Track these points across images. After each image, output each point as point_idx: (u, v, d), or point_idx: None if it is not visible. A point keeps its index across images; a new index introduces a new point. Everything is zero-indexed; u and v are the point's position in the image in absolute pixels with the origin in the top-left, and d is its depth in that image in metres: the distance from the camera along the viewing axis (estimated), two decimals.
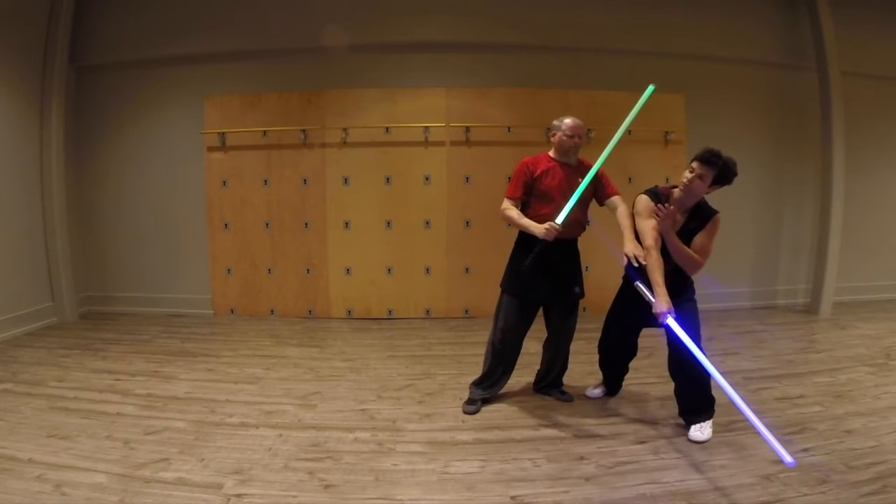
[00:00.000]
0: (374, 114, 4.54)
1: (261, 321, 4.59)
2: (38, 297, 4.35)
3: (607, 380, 2.91)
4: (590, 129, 3.73)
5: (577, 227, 2.67)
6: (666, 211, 2.29)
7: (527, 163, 2.66)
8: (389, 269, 4.67)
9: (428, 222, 4.63)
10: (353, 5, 4.43)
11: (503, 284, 2.75)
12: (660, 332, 2.38)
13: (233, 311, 4.76)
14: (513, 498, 1.96)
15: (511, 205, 2.66)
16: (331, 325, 4.48)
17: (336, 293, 4.69)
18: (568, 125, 2.59)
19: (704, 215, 2.38)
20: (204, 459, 2.22)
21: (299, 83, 4.57)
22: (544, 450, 2.32)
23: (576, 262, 2.73)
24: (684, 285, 2.44)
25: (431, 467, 2.18)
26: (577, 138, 2.60)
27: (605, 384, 2.92)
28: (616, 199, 2.64)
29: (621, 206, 2.60)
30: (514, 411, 2.73)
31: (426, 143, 4.55)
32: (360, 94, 4.55)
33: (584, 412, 2.71)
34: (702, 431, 2.38)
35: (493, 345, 2.74)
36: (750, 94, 4.89)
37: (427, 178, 4.59)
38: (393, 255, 4.65)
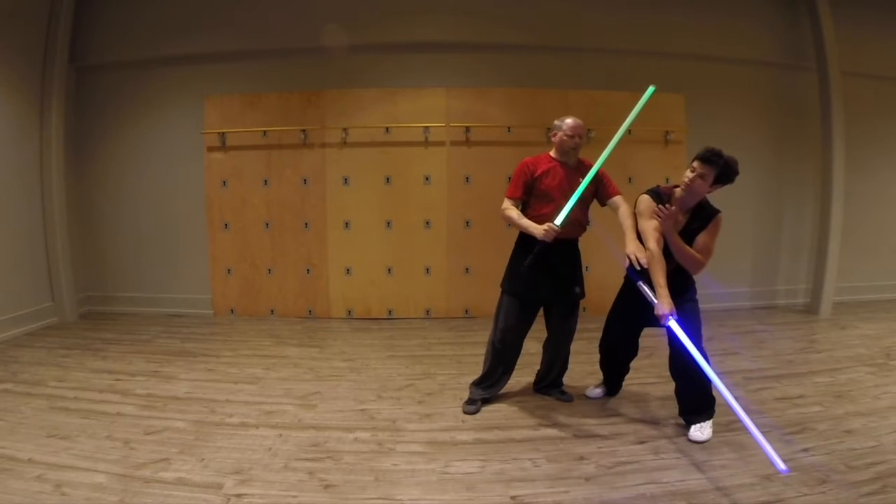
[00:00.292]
0: (374, 114, 4.54)
1: (261, 321, 4.59)
2: (38, 297, 4.35)
3: (607, 380, 2.91)
4: (590, 129, 3.73)
5: (578, 228, 2.67)
6: (667, 211, 2.28)
7: (527, 163, 2.66)
8: (389, 269, 4.67)
9: (428, 222, 4.63)
10: (353, 5, 4.43)
11: (503, 284, 2.75)
12: (660, 331, 2.38)
13: (233, 311, 4.76)
14: (513, 498, 1.96)
15: (511, 205, 2.66)
16: (331, 325, 4.48)
17: (336, 293, 4.69)
18: (569, 125, 2.59)
19: (706, 215, 2.38)
20: (204, 459, 2.22)
21: (299, 83, 4.58)
22: (544, 450, 2.32)
23: (576, 262, 2.73)
24: (686, 285, 2.44)
25: (431, 467, 2.18)
26: (578, 138, 2.60)
27: (605, 384, 2.92)
28: (618, 200, 2.64)
29: (623, 207, 2.60)
30: (514, 411, 2.73)
31: (426, 143, 4.55)
32: (360, 94, 4.55)
33: (584, 412, 2.71)
34: (702, 431, 2.38)
35: (493, 345, 2.75)
36: (750, 94, 4.89)
37: (427, 178, 4.59)
38: (393, 255, 4.65)
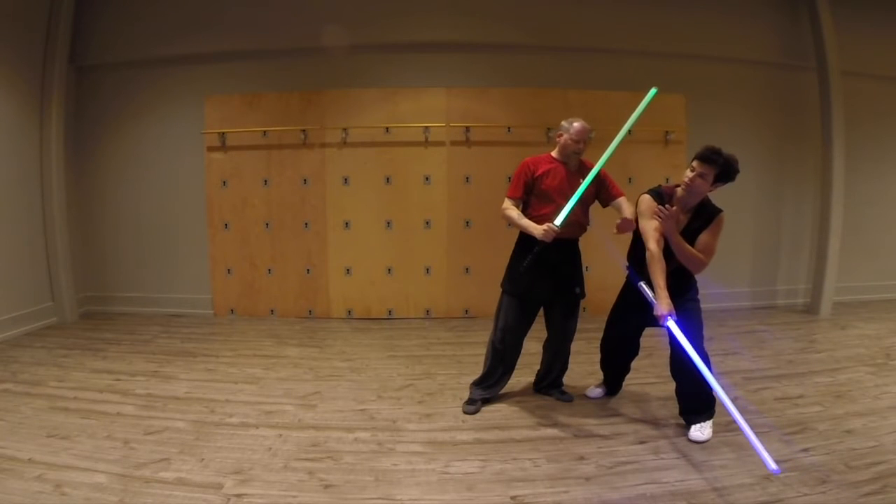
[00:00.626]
0: (374, 114, 4.54)
1: (261, 321, 4.59)
2: (38, 297, 4.35)
3: (608, 379, 2.91)
4: (590, 130, 3.72)
5: (578, 228, 2.67)
6: (668, 212, 2.28)
7: (528, 163, 2.66)
8: (389, 269, 4.66)
9: (428, 222, 4.62)
10: (353, 5, 4.43)
11: (503, 284, 2.75)
12: (661, 331, 2.38)
13: (233, 311, 4.76)
14: (513, 498, 1.96)
15: (511, 204, 2.66)
16: (331, 325, 4.48)
17: (336, 293, 4.69)
18: (576, 129, 2.58)
19: (708, 214, 2.38)
20: (204, 459, 2.22)
21: (299, 83, 4.57)
22: (544, 450, 2.32)
23: (576, 262, 2.73)
24: (687, 285, 2.44)
25: (431, 467, 2.18)
26: (583, 144, 2.60)
27: (605, 384, 2.92)
28: (621, 201, 2.64)
29: (626, 207, 2.60)
30: (514, 411, 2.73)
31: (426, 143, 4.55)
32: (360, 94, 4.55)
33: (584, 412, 2.71)
34: (702, 431, 2.39)
35: (494, 345, 2.75)
36: (750, 94, 4.89)
37: (427, 178, 4.59)
38: (393, 255, 4.65)
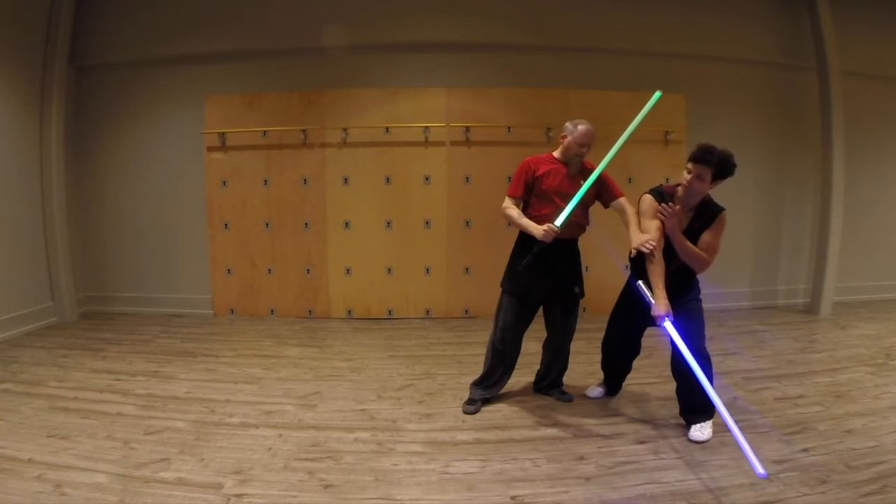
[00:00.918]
0: (374, 114, 4.53)
1: (261, 321, 4.59)
2: (38, 297, 4.35)
3: (608, 379, 2.91)
4: (595, 134, 3.73)
5: (577, 229, 2.68)
6: (671, 210, 2.28)
7: (529, 162, 2.66)
8: (389, 269, 4.66)
9: (428, 222, 4.62)
10: (352, 5, 4.43)
11: (503, 284, 2.75)
12: (662, 332, 2.38)
13: (233, 311, 4.76)
14: (513, 498, 1.96)
15: (512, 203, 2.66)
16: (331, 325, 4.48)
17: (336, 293, 4.69)
18: (581, 133, 2.56)
19: (710, 213, 2.37)
20: (204, 459, 2.22)
21: (299, 83, 4.57)
22: (544, 450, 2.32)
23: (576, 261, 2.74)
24: (689, 285, 2.44)
25: (431, 467, 2.18)
26: (586, 148, 2.59)
27: (605, 384, 2.92)
28: (622, 201, 2.64)
29: (627, 207, 2.60)
30: (514, 411, 2.73)
31: (426, 143, 4.55)
32: (360, 94, 4.55)
33: (584, 412, 2.71)
34: (702, 431, 2.38)
35: (494, 344, 2.75)
36: (750, 94, 4.89)
37: (427, 178, 4.59)
38: (393, 255, 4.64)
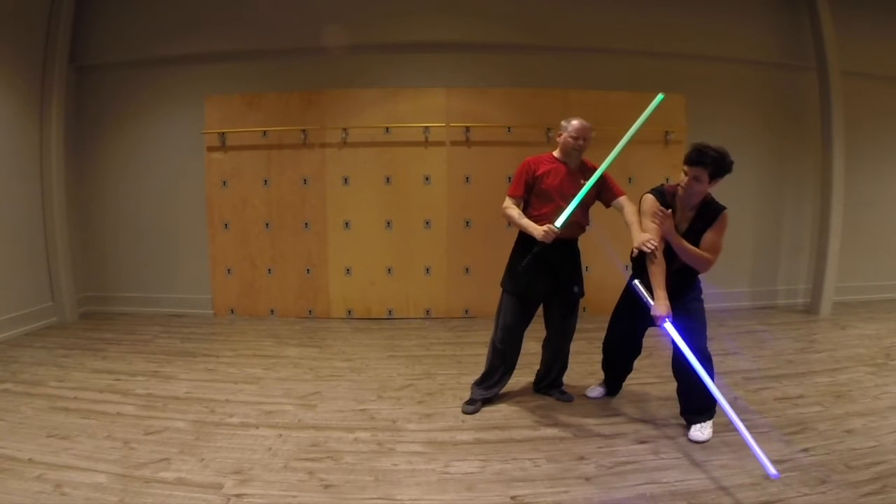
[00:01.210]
0: (374, 114, 4.53)
1: (261, 321, 4.59)
2: (38, 297, 4.35)
3: (608, 379, 2.91)
4: (592, 130, 3.73)
5: (577, 228, 2.68)
6: (664, 214, 2.29)
7: (529, 162, 2.66)
8: (389, 269, 4.66)
9: (428, 222, 4.62)
10: (352, 5, 4.43)
11: (503, 284, 2.75)
12: (663, 331, 2.38)
13: (233, 311, 4.76)
14: (513, 498, 1.96)
15: (512, 203, 2.66)
16: (331, 325, 4.48)
17: (336, 293, 4.69)
18: (574, 127, 2.58)
19: (712, 212, 2.37)
20: (204, 459, 2.22)
21: (299, 83, 4.57)
22: (544, 450, 2.32)
23: (576, 261, 2.74)
24: (691, 284, 2.44)
25: (431, 467, 2.18)
26: (582, 141, 2.59)
27: (605, 384, 2.92)
28: (622, 200, 2.63)
29: (628, 206, 2.60)
30: (514, 411, 2.73)
31: (426, 143, 4.55)
32: (360, 94, 4.55)
33: (584, 412, 2.71)
34: (702, 431, 2.38)
35: (494, 344, 2.75)
36: (750, 94, 4.88)
37: (427, 178, 4.59)
38: (393, 255, 4.64)
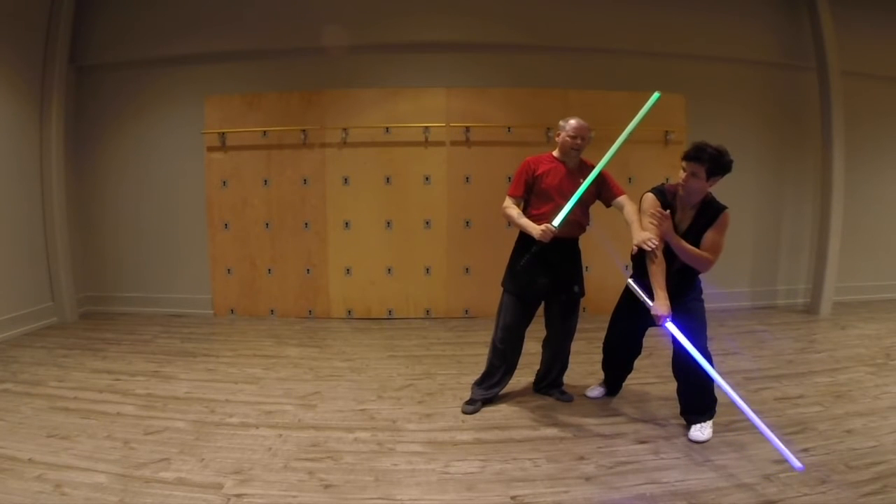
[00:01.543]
0: (374, 114, 4.53)
1: (261, 321, 4.59)
2: (38, 297, 4.35)
3: (608, 379, 2.91)
4: (590, 129, 3.74)
5: (577, 228, 2.68)
6: (661, 215, 2.29)
7: (529, 161, 2.67)
8: (389, 269, 4.66)
9: (428, 222, 4.62)
10: (352, 5, 4.43)
11: (504, 283, 2.75)
12: (663, 331, 2.37)
13: (233, 311, 4.76)
14: (513, 498, 1.96)
15: (512, 203, 2.66)
16: (331, 325, 4.48)
17: (336, 293, 4.69)
18: (572, 126, 2.59)
19: (713, 212, 2.37)
20: (204, 459, 2.22)
21: (299, 83, 4.57)
22: (544, 450, 2.32)
23: (576, 260, 2.74)
24: (692, 284, 2.44)
25: (431, 467, 2.18)
26: (580, 140, 2.60)
27: (605, 384, 2.92)
28: (623, 199, 2.63)
29: (628, 205, 2.60)
30: (514, 411, 2.73)
31: (426, 143, 4.55)
32: (360, 94, 4.55)
33: (584, 412, 2.71)
34: (702, 431, 2.38)
35: (495, 344, 2.75)
36: (750, 94, 4.88)
37: (427, 178, 4.58)
38: (393, 255, 4.64)
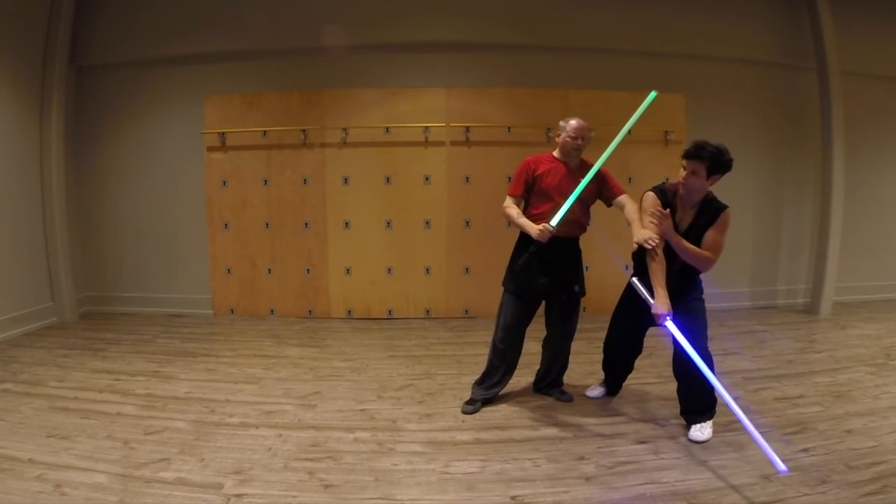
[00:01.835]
0: (374, 114, 4.53)
1: (261, 321, 4.59)
2: (38, 297, 4.35)
3: (608, 379, 2.91)
4: (590, 130, 3.74)
5: (577, 228, 2.68)
6: (661, 214, 2.29)
7: (529, 161, 2.67)
8: (389, 269, 4.66)
9: (428, 222, 4.62)
10: (352, 5, 4.43)
11: (504, 283, 2.75)
12: (664, 331, 2.37)
13: (233, 311, 4.76)
14: (513, 498, 1.96)
15: (512, 202, 2.66)
16: (331, 325, 4.48)
17: (336, 293, 4.68)
18: (573, 126, 2.59)
19: (714, 211, 2.36)
20: (204, 459, 2.22)
21: (299, 83, 4.57)
22: (544, 450, 2.32)
23: (577, 260, 2.74)
24: (692, 283, 2.44)
25: (431, 467, 2.18)
26: (581, 140, 2.60)
27: (605, 384, 2.92)
28: (623, 198, 2.63)
29: (629, 204, 2.59)
30: (514, 411, 2.73)
31: (426, 143, 4.55)
32: (360, 94, 4.55)
33: (584, 412, 2.71)
34: (702, 431, 2.38)
35: (495, 343, 2.75)
36: (750, 94, 4.88)
37: (427, 178, 4.58)
38: (393, 255, 4.64)
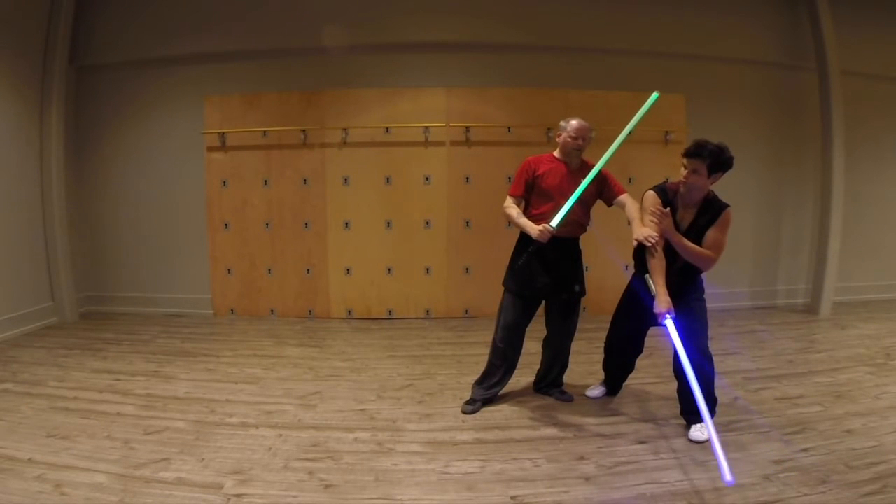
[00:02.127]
0: (374, 114, 4.53)
1: (261, 321, 4.59)
2: (38, 297, 4.35)
3: (609, 379, 2.91)
4: (591, 130, 3.74)
5: (578, 228, 2.68)
6: (661, 213, 2.29)
7: (529, 161, 2.67)
8: (389, 269, 4.66)
9: (428, 222, 4.62)
10: (352, 5, 4.43)
11: (505, 283, 2.76)
12: (662, 331, 2.37)
13: (233, 311, 4.76)
14: (513, 498, 1.96)
15: (513, 202, 2.66)
16: (331, 325, 4.48)
17: (336, 293, 4.69)
18: (573, 126, 2.59)
19: (715, 210, 2.36)
20: (204, 459, 2.22)
21: (299, 83, 4.57)
22: (544, 450, 2.32)
23: (577, 260, 2.74)
24: (693, 283, 2.44)
25: (431, 467, 2.18)
26: (582, 140, 2.60)
27: (605, 384, 2.92)
28: (624, 198, 2.63)
29: (629, 203, 2.59)
30: (514, 411, 2.73)
31: (426, 143, 4.55)
32: (360, 94, 4.55)
33: (584, 412, 2.71)
34: (702, 431, 2.38)
35: (495, 343, 2.75)
36: (750, 94, 4.89)
37: (427, 178, 4.59)
38: (393, 255, 4.64)
